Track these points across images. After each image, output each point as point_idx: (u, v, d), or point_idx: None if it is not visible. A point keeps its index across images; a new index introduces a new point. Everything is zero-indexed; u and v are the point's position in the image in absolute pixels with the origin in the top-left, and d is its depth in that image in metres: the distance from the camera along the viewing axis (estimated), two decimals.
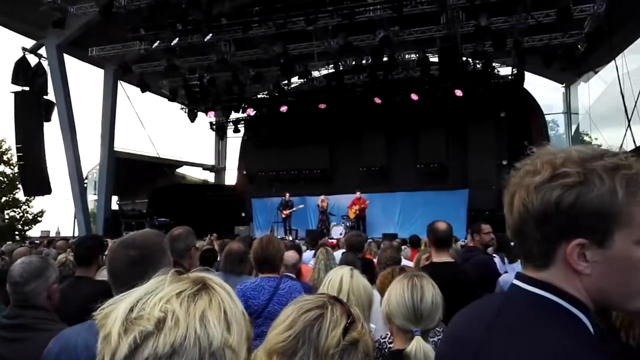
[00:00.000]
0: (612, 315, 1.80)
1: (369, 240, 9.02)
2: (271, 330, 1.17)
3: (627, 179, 0.81)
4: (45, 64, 16.25)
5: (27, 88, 15.99)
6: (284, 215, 16.69)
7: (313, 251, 7.15)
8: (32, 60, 16.16)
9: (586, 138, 26.53)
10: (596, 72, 18.38)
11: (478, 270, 3.87)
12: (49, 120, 16.49)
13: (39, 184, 16.50)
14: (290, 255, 4.50)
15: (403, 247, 7.68)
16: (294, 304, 1.19)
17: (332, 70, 17.33)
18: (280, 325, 1.15)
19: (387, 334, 2.36)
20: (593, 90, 19.44)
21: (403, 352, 1.65)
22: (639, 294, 0.84)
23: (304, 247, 8.04)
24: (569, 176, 0.81)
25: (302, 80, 18.14)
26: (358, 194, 16.16)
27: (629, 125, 13.05)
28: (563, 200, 0.81)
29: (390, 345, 2.26)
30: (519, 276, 0.93)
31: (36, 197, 20.02)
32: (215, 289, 0.76)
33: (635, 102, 13.21)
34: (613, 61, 13.61)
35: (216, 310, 0.72)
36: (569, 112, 20.51)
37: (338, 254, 5.55)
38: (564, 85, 20.54)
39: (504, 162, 18.24)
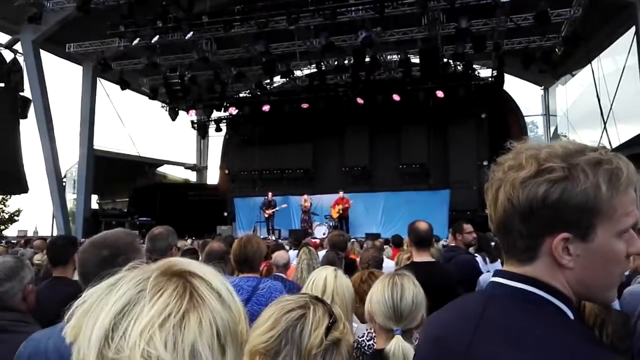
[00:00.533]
0: (585, 313, 1.85)
1: (352, 240, 9.05)
2: (253, 330, 1.17)
3: (610, 173, 0.82)
4: (21, 59, 15.91)
5: (2, 84, 15.64)
6: (266, 215, 16.63)
7: (296, 251, 7.15)
8: (8, 55, 15.82)
9: (564, 139, 27.04)
10: (573, 75, 18.77)
11: (462, 269, 3.91)
12: (25, 117, 16.15)
13: (15, 182, 16.14)
14: (281, 256, 4.48)
15: (384, 246, 7.72)
16: (275, 304, 1.20)
17: (315, 70, 17.34)
18: (262, 326, 1.15)
19: (365, 332, 2.38)
20: (570, 92, 19.85)
21: (384, 351, 1.66)
22: (616, 285, 0.87)
23: (287, 247, 8.04)
24: (554, 171, 0.82)
25: (284, 79, 18.10)
26: (341, 194, 16.20)
27: (604, 127, 13.36)
28: (549, 195, 0.82)
29: (369, 343, 2.28)
30: (500, 273, 0.93)
31: (12, 195, 19.60)
32: (204, 298, 0.64)
33: (611, 105, 13.53)
34: (589, 64, 13.92)
35: (208, 336, 0.62)
36: (547, 114, 20.90)
37: (321, 254, 5.55)
38: (542, 87, 20.92)
39: (485, 163, 18.49)
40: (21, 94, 15.97)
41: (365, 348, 2.29)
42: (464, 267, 3.99)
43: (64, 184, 18.04)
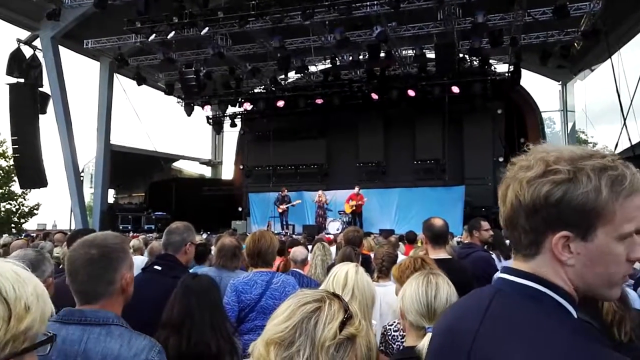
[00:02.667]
0: (603, 311, 1.84)
1: (374, 236, 9.05)
2: (270, 321, 1.19)
3: (612, 179, 0.87)
4: (40, 55, 16.17)
5: (21, 80, 15.93)
6: (280, 210, 16.71)
7: (310, 246, 7.18)
8: (27, 51, 16.10)
9: (582, 135, 26.67)
10: (592, 70, 18.44)
11: (478, 266, 3.89)
12: (44, 112, 16.44)
13: (35, 177, 16.46)
14: (299, 251, 4.51)
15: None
16: (293, 297, 1.22)
17: (329, 65, 17.31)
18: (279, 317, 1.17)
19: (395, 322, 2.39)
20: (589, 88, 19.55)
21: (415, 348, 1.67)
22: (618, 283, 0.92)
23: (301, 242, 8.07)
24: (559, 173, 0.88)
25: (299, 75, 18.09)
26: (357, 189, 16.15)
27: (624, 123, 13.12)
28: (551, 195, 0.87)
29: (395, 334, 2.30)
30: (506, 269, 0.99)
31: (32, 189, 19.98)
32: None
33: (631, 100, 13.27)
34: (609, 59, 13.66)
35: None
36: (565, 109, 20.57)
37: (334, 249, 5.57)
38: (560, 82, 20.60)
39: (500, 159, 18.32)
40: (40, 89, 16.25)
41: (390, 338, 2.32)
42: (481, 264, 3.97)
43: (81, 178, 18.34)
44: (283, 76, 18.82)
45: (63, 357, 1.49)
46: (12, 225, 23.96)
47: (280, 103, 18.80)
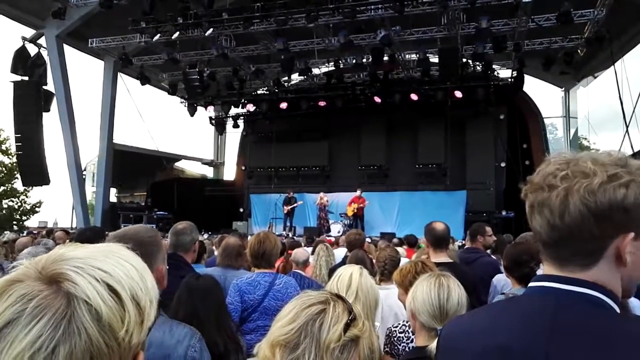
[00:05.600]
0: None
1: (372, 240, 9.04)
2: (275, 323, 1.21)
3: None
4: (44, 54, 16.21)
5: (26, 78, 15.97)
6: (286, 211, 16.73)
7: (310, 248, 7.19)
8: (32, 49, 16.13)
9: (584, 142, 26.63)
10: (595, 77, 18.44)
11: (486, 271, 3.91)
12: (48, 110, 16.46)
13: (38, 174, 16.49)
14: (301, 253, 4.53)
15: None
16: (297, 299, 1.23)
17: (333, 67, 17.34)
18: (283, 319, 1.19)
19: (399, 323, 2.41)
20: (592, 95, 19.52)
21: (426, 348, 1.69)
22: None
23: (301, 244, 8.08)
24: (622, 177, 0.91)
25: (302, 77, 18.13)
26: (359, 192, 16.16)
27: (627, 131, 13.12)
28: (627, 198, 0.89)
29: (400, 335, 2.31)
30: (557, 279, 0.96)
31: (34, 187, 20.02)
32: (80, 327, 0.64)
33: (634, 108, 13.27)
34: (612, 66, 13.66)
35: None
36: (567, 116, 20.57)
37: (336, 252, 5.58)
38: (563, 89, 20.60)
39: (502, 164, 18.32)
40: (44, 87, 16.29)
41: (395, 339, 2.33)
42: (488, 269, 3.98)
43: (84, 176, 18.36)
44: (286, 78, 18.86)
45: None
46: (14, 222, 24.01)
47: (283, 105, 18.83)
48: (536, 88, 21.67)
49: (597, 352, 0.85)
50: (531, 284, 1.01)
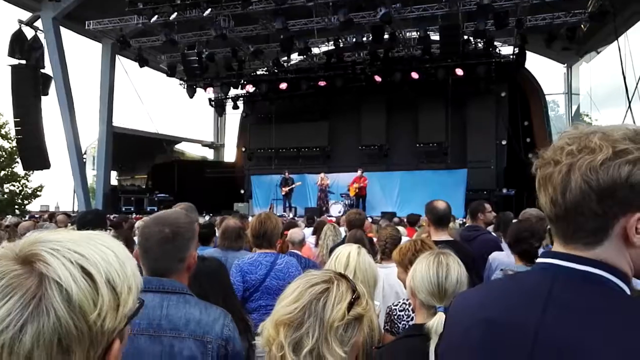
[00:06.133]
0: None
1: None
2: (279, 302, 1.21)
3: None
4: (41, 36, 16.06)
5: (23, 61, 15.85)
6: (283, 193, 16.75)
7: (311, 229, 7.22)
8: (29, 33, 15.98)
9: (586, 119, 26.47)
10: (598, 53, 18.24)
11: (487, 248, 3.93)
12: (46, 94, 16.39)
13: (38, 158, 16.50)
14: (296, 233, 4.54)
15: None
16: (301, 278, 1.24)
17: (332, 47, 17.16)
18: (287, 298, 1.19)
19: (399, 302, 2.43)
20: (594, 70, 19.34)
21: (425, 326, 1.71)
22: None
23: (302, 225, 8.11)
24: (631, 153, 0.86)
25: (301, 57, 17.96)
26: (359, 172, 16.16)
27: (629, 106, 13.02)
28: (632, 176, 0.85)
29: (400, 314, 2.34)
30: (558, 255, 0.94)
31: (35, 171, 20.04)
32: (50, 308, 0.64)
33: (637, 83, 13.16)
34: (616, 41, 13.50)
35: (47, 345, 0.63)
36: (569, 92, 20.42)
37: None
38: (565, 65, 20.41)
39: (504, 142, 18.26)
40: (42, 71, 16.18)
41: (395, 318, 2.36)
42: (489, 246, 4.00)
43: (84, 160, 18.36)
44: (286, 58, 18.67)
45: (147, 321, 1.63)
46: (16, 206, 24.10)
47: (283, 85, 18.70)
48: (538, 65, 21.51)
49: (589, 330, 0.83)
50: (537, 260, 0.99)
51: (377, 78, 17.69)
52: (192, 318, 1.65)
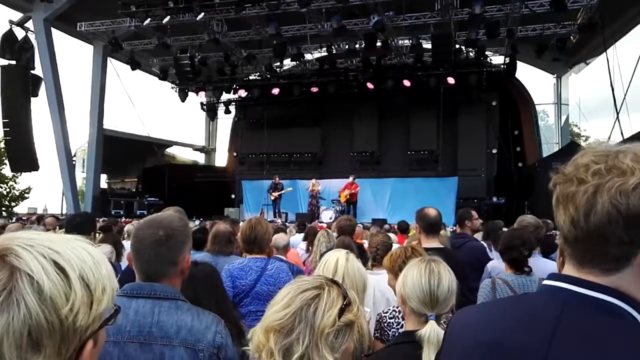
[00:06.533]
0: None
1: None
2: (269, 308, 1.20)
3: None
4: (32, 37, 15.94)
5: (13, 62, 15.71)
6: (272, 198, 16.71)
7: (302, 234, 7.20)
8: (19, 33, 15.86)
9: (575, 129, 26.78)
10: (587, 64, 18.49)
11: (473, 255, 3.95)
12: (36, 95, 16.24)
13: (26, 160, 16.32)
14: (281, 237, 4.53)
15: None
16: (291, 284, 1.23)
17: (325, 53, 17.22)
18: (278, 304, 1.18)
19: (389, 309, 2.43)
20: (584, 81, 19.61)
21: (416, 334, 1.70)
22: None
23: (294, 231, 8.09)
24: None
25: (294, 62, 18.00)
26: (351, 178, 16.17)
27: (617, 117, 13.20)
28: None
29: (390, 321, 2.33)
30: (572, 280, 0.89)
31: (23, 173, 19.81)
32: (20, 299, 0.64)
33: (625, 95, 13.35)
34: (604, 53, 13.70)
35: (17, 337, 0.63)
36: (559, 102, 20.66)
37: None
38: (555, 75, 20.66)
39: (494, 151, 18.40)
40: (32, 72, 16.04)
41: (385, 325, 2.35)
42: (476, 254, 4.03)
43: (74, 162, 18.20)
44: (278, 63, 18.71)
45: (137, 328, 1.58)
46: (3, 208, 23.79)
47: (275, 90, 18.71)
48: (528, 75, 21.62)
49: (594, 355, 0.79)
50: (544, 282, 0.94)
51: (370, 85, 17.78)
52: (184, 325, 1.62)
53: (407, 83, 17.15)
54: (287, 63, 19.19)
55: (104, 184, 21.76)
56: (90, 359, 0.73)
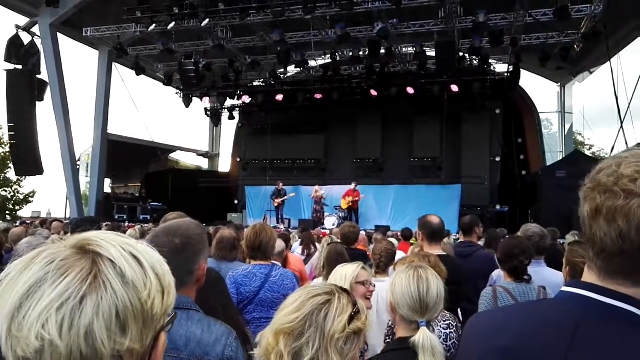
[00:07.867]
0: None
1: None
2: (279, 311, 1.21)
3: None
4: (38, 42, 16.06)
5: (19, 66, 15.82)
6: (275, 204, 16.72)
7: (301, 240, 7.20)
8: (26, 38, 15.98)
9: (579, 138, 26.74)
10: (591, 73, 18.50)
11: (484, 264, 3.93)
12: (41, 99, 16.34)
13: (31, 164, 16.39)
14: (277, 243, 4.52)
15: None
16: (302, 289, 1.24)
17: (329, 60, 17.29)
18: (288, 307, 1.19)
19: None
20: (588, 90, 19.61)
21: (410, 341, 1.70)
22: None
23: (296, 237, 8.09)
24: None
25: (298, 69, 18.06)
26: (353, 185, 16.17)
27: (621, 126, 13.19)
28: None
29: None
30: (594, 288, 0.87)
31: (27, 177, 19.90)
32: (106, 281, 0.67)
33: (629, 104, 13.34)
34: (608, 62, 13.71)
35: (106, 317, 0.65)
36: (563, 111, 20.64)
37: None
38: (559, 84, 20.66)
39: (498, 159, 18.39)
40: (38, 76, 16.15)
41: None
42: (487, 262, 4.00)
43: (78, 167, 18.26)
44: (283, 70, 18.78)
45: None
46: (7, 212, 23.88)
47: (279, 97, 18.78)
48: (532, 83, 21.74)
49: None
50: (563, 289, 0.93)
51: (373, 92, 17.82)
52: (193, 337, 1.59)
53: (410, 90, 17.19)
54: (291, 70, 19.27)
55: (107, 189, 21.80)
56: (163, 352, 0.75)
